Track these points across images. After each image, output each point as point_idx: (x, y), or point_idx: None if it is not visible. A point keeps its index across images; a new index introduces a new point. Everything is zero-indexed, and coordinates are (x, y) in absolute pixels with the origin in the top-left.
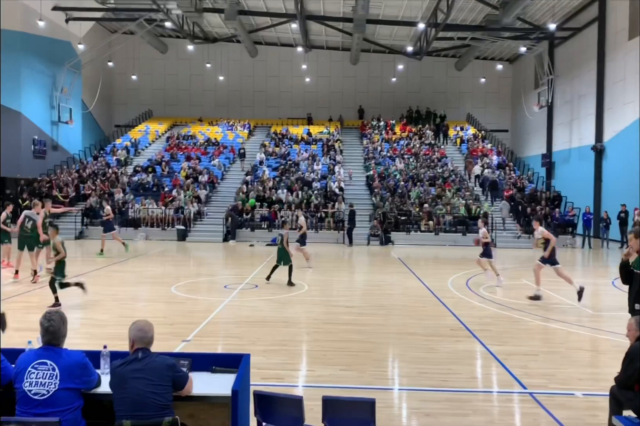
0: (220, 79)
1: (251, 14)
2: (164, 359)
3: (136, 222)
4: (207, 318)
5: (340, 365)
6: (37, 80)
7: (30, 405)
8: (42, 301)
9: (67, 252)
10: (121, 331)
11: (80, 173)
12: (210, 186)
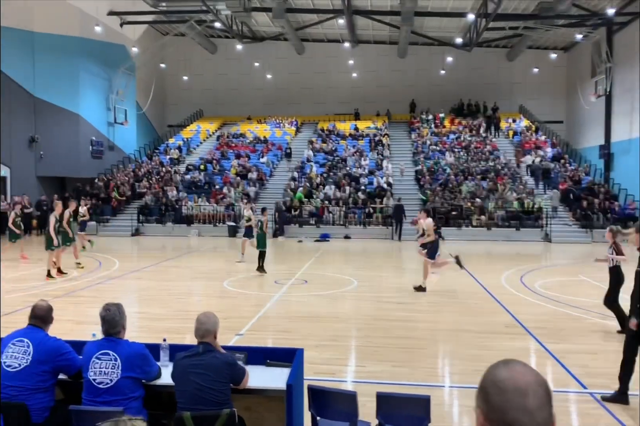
0: (268, 77)
1: (298, 11)
2: (224, 356)
3: (189, 219)
4: (259, 312)
5: (392, 361)
6: (94, 83)
7: (96, 393)
8: (102, 295)
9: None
10: (177, 324)
11: (136, 172)
12: (259, 183)
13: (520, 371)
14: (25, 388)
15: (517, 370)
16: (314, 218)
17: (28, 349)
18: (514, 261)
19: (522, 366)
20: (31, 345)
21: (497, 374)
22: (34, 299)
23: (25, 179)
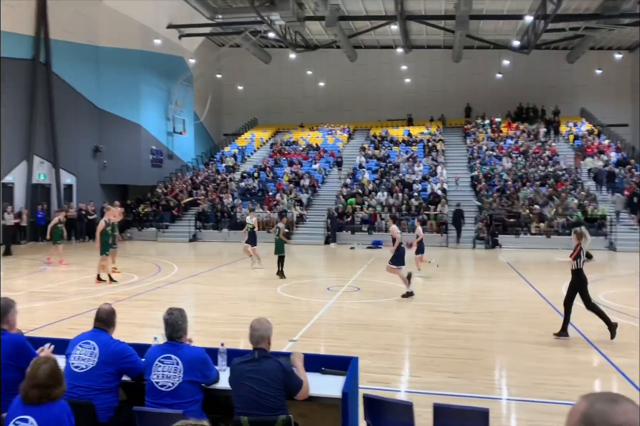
0: (321, 85)
1: (351, 19)
2: (280, 364)
3: (243, 225)
4: (312, 319)
5: (448, 372)
6: (154, 94)
7: (158, 395)
8: (161, 299)
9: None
10: (232, 329)
11: (193, 180)
12: (311, 190)
13: (633, 417)
14: (92, 389)
15: (632, 417)
16: (366, 224)
17: (94, 352)
18: None
19: (634, 407)
20: (97, 347)
21: (612, 415)
22: (98, 303)
23: (89, 186)
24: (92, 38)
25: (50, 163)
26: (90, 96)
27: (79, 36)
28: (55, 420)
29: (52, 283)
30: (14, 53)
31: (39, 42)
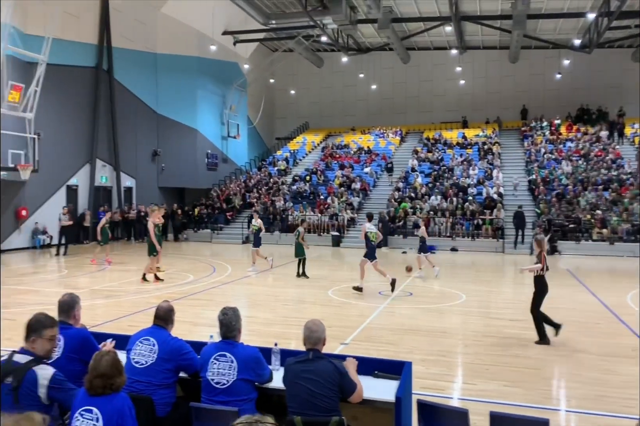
0: (373, 88)
1: (404, 20)
2: (335, 365)
3: (295, 228)
4: (363, 322)
5: (504, 381)
6: (209, 99)
7: (213, 392)
8: (216, 299)
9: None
10: (284, 330)
11: (247, 183)
12: (362, 193)
13: None
14: (151, 384)
15: None
16: (418, 228)
17: (154, 348)
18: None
19: None
20: (156, 344)
21: None
22: (156, 301)
23: (148, 189)
24: (151, 45)
25: (111, 166)
26: (149, 102)
27: (138, 44)
28: (117, 411)
29: (113, 282)
30: (79, 61)
31: (101, 50)
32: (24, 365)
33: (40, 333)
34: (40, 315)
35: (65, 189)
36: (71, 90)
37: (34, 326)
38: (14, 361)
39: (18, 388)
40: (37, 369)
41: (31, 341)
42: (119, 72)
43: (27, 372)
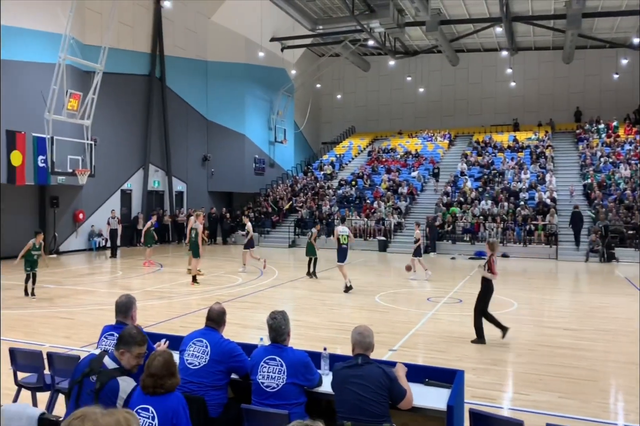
0: (420, 91)
1: (453, 22)
2: (384, 370)
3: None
4: (411, 329)
5: (559, 392)
6: (257, 105)
7: (263, 395)
8: (263, 302)
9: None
10: (330, 334)
11: (293, 187)
12: (409, 198)
13: None
14: (204, 385)
15: None
16: (468, 234)
17: (206, 349)
18: None
19: None
20: (209, 346)
21: None
22: (206, 303)
23: (198, 193)
24: (201, 53)
25: (163, 171)
26: (199, 108)
27: (189, 52)
28: (172, 410)
29: (164, 283)
30: (133, 69)
31: (154, 58)
32: (110, 371)
33: (130, 349)
34: (134, 330)
35: (119, 193)
36: (126, 97)
37: (125, 340)
38: (104, 363)
39: (99, 391)
40: (121, 380)
41: (120, 352)
42: (171, 79)
43: (110, 380)
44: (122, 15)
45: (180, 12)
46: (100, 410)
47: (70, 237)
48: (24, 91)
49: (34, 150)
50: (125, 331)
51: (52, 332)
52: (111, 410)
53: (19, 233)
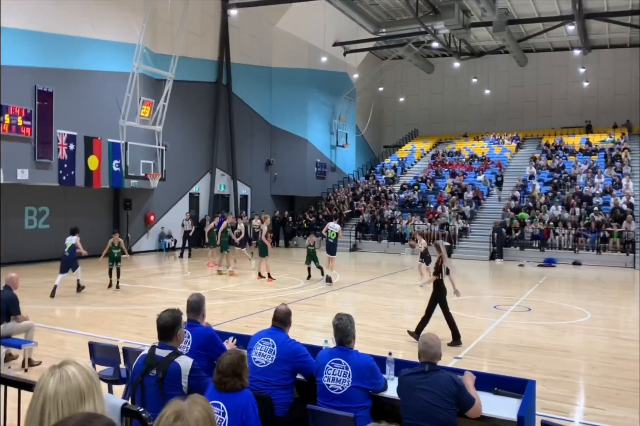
0: (486, 93)
1: (521, 22)
2: (451, 377)
3: (403, 237)
4: (478, 337)
5: (637, 408)
6: (319, 110)
7: (328, 397)
8: (325, 305)
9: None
10: (394, 340)
11: (354, 191)
12: (475, 202)
13: None
14: (270, 384)
15: None
16: (537, 240)
17: (273, 349)
18: None
19: None
20: (275, 345)
21: None
22: (270, 304)
23: (262, 197)
24: (265, 59)
25: (229, 175)
26: (263, 113)
27: (254, 59)
28: (241, 407)
29: (230, 284)
30: (201, 77)
31: (221, 66)
32: (167, 357)
33: (174, 332)
34: (167, 317)
35: (188, 197)
36: (194, 104)
37: (167, 329)
38: (157, 355)
39: (163, 379)
40: (178, 360)
41: (168, 339)
42: (237, 86)
43: (170, 364)
44: (191, 24)
45: (246, 20)
46: (184, 402)
47: (142, 238)
48: (100, 99)
49: (109, 155)
50: (160, 322)
51: (126, 328)
52: (190, 398)
53: (95, 234)
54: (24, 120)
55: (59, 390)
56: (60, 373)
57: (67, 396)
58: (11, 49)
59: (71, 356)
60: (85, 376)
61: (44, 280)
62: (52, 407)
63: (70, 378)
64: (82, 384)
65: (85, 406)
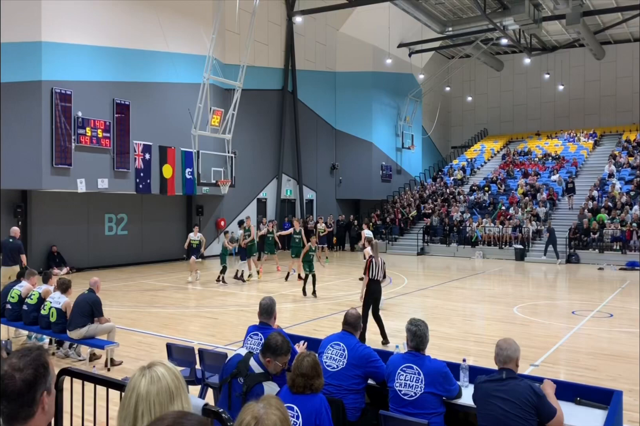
0: (560, 89)
1: (597, 13)
2: (530, 387)
3: (472, 239)
4: (555, 344)
5: None
6: (384, 112)
7: (401, 403)
8: (393, 310)
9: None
10: (466, 346)
11: (421, 194)
12: (549, 203)
13: None
14: (342, 388)
15: None
16: (618, 242)
17: (344, 353)
18: None
19: None
20: (346, 349)
21: None
22: (338, 308)
23: (327, 201)
24: (330, 65)
25: (294, 180)
26: (327, 118)
27: (319, 64)
28: (315, 410)
29: (298, 287)
30: (268, 85)
31: (287, 73)
32: (257, 375)
33: (276, 358)
34: (279, 340)
35: (255, 202)
36: (261, 111)
37: (272, 349)
38: (250, 366)
39: (246, 394)
40: (265, 385)
41: (267, 360)
42: (302, 92)
43: (256, 385)
44: (257, 34)
45: (311, 27)
46: (260, 405)
47: (213, 242)
48: (172, 110)
49: (182, 163)
50: (271, 340)
51: (199, 330)
52: (265, 400)
53: (170, 238)
54: (103, 132)
55: (151, 390)
56: (150, 374)
57: (158, 396)
58: (91, 66)
59: (150, 357)
60: (173, 376)
61: (123, 284)
62: (145, 406)
63: (160, 378)
64: (170, 384)
65: (175, 405)
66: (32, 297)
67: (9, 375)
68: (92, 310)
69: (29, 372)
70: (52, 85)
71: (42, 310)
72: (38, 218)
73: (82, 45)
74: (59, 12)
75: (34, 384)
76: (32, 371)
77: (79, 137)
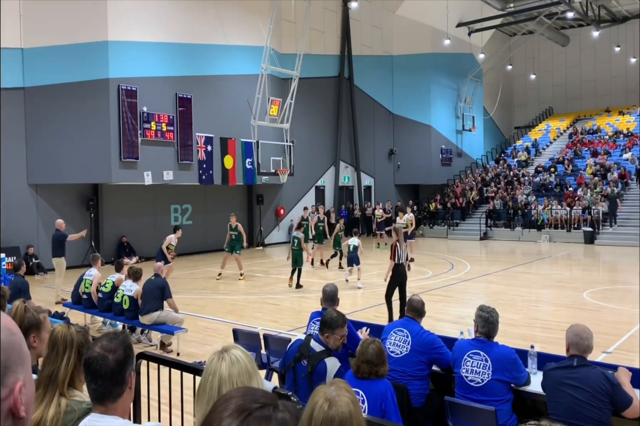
0: (632, 62)
1: None
2: (604, 374)
3: (537, 222)
4: (630, 330)
5: None
6: (443, 94)
7: (467, 390)
8: (455, 296)
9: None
10: (534, 332)
11: (483, 177)
12: (622, 184)
13: None
14: (406, 374)
15: None
16: None
17: (407, 339)
18: None
19: None
20: (409, 336)
21: None
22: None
23: (385, 187)
24: (387, 48)
25: (352, 167)
26: (385, 103)
27: (376, 49)
28: (380, 395)
29: (355, 275)
30: (324, 72)
31: (343, 59)
32: (318, 354)
33: (333, 332)
34: (334, 313)
35: (314, 190)
36: (318, 99)
37: (328, 324)
38: (311, 347)
39: (312, 374)
40: (327, 361)
41: (325, 336)
42: (358, 78)
43: (319, 362)
44: (313, 21)
45: (366, 11)
46: (331, 388)
47: (273, 231)
48: (232, 101)
49: (243, 154)
50: (326, 316)
51: (262, 316)
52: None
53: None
54: (167, 126)
55: (232, 372)
56: (229, 357)
57: (240, 377)
58: (154, 62)
59: (216, 342)
60: (248, 358)
61: (189, 272)
62: (229, 388)
63: (239, 360)
64: (247, 365)
65: (254, 385)
66: (106, 285)
67: (102, 356)
68: (162, 293)
69: (120, 352)
70: (119, 82)
71: (116, 298)
72: (108, 210)
73: (145, 43)
74: (123, 12)
75: (124, 364)
76: (122, 352)
77: (144, 132)
